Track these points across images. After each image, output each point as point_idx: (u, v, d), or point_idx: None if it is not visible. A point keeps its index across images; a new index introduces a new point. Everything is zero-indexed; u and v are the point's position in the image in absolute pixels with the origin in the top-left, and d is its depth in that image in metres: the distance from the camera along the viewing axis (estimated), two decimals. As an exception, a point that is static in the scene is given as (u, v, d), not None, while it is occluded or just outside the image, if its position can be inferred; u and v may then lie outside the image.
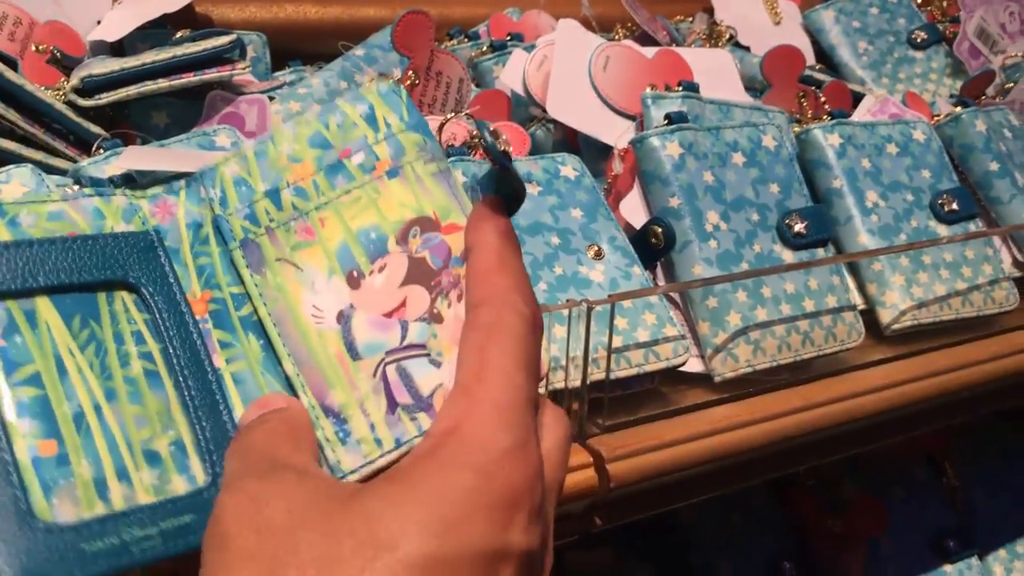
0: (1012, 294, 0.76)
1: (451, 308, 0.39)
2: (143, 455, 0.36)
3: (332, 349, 0.39)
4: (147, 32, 0.77)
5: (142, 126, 0.67)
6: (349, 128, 0.41)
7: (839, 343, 0.66)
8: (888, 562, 0.96)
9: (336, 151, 0.41)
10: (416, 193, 0.41)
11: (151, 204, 0.42)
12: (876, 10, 1.11)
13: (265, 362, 0.40)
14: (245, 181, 0.41)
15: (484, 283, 0.37)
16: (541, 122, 0.77)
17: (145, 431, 0.37)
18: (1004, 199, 0.80)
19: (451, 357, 0.39)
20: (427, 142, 0.42)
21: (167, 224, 0.41)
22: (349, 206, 0.40)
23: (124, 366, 0.38)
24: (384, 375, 0.39)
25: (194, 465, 0.37)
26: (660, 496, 0.59)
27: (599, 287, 0.58)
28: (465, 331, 0.37)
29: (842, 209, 0.73)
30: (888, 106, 0.87)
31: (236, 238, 0.40)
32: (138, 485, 0.36)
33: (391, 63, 0.78)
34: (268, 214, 0.40)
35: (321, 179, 0.41)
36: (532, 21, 0.99)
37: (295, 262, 0.40)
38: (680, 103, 0.69)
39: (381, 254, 0.40)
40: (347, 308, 0.39)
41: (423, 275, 0.40)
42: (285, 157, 0.41)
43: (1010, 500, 1.05)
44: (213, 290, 0.40)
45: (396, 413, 0.38)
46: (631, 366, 0.57)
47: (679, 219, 0.63)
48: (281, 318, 0.39)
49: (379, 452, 0.38)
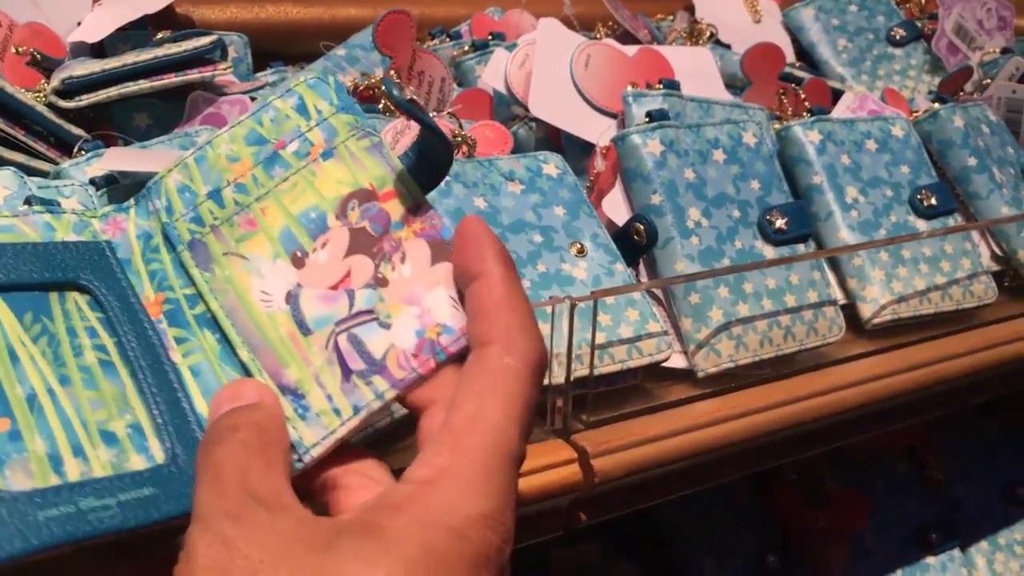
0: (990, 288, 0.77)
1: (395, 271, 0.40)
2: (99, 434, 0.36)
3: (283, 329, 0.39)
4: (128, 33, 0.77)
5: (123, 127, 0.67)
6: (282, 121, 0.42)
7: (820, 338, 0.67)
8: (871, 555, 0.97)
9: (271, 144, 0.42)
10: (352, 169, 0.41)
11: (102, 223, 0.42)
12: (855, 8, 1.12)
13: (222, 354, 0.40)
14: (188, 187, 0.42)
15: (493, 321, 0.36)
16: (523, 121, 0.78)
17: (101, 413, 0.37)
18: (982, 194, 0.81)
19: (399, 316, 0.39)
20: (358, 120, 0.43)
21: (118, 238, 0.42)
22: (288, 192, 0.41)
23: (77, 356, 0.38)
24: (336, 345, 0.39)
25: (153, 446, 0.37)
26: (644, 491, 0.60)
27: (582, 284, 0.59)
28: (469, 370, 0.36)
29: (822, 205, 0.73)
30: (867, 103, 0.87)
31: (183, 240, 0.41)
32: (94, 461, 0.36)
33: (373, 63, 0.78)
34: (212, 213, 0.41)
35: (259, 172, 0.41)
36: (514, 20, 0.99)
37: (241, 253, 0.40)
38: (661, 101, 0.70)
39: (322, 231, 0.41)
40: (294, 287, 0.40)
41: (365, 244, 0.40)
42: (224, 158, 0.42)
43: (991, 492, 1.06)
44: (166, 292, 0.41)
45: (351, 380, 0.38)
46: (614, 362, 0.57)
47: (661, 216, 0.64)
48: (232, 309, 0.40)
49: (339, 421, 0.38)
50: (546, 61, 0.74)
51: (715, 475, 0.63)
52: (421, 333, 0.39)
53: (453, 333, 0.39)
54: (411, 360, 0.39)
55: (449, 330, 0.39)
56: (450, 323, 0.39)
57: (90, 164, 0.59)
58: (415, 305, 0.39)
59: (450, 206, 0.58)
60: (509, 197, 0.61)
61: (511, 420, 0.34)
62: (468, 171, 0.61)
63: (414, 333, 0.39)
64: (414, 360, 0.38)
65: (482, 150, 0.65)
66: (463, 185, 0.59)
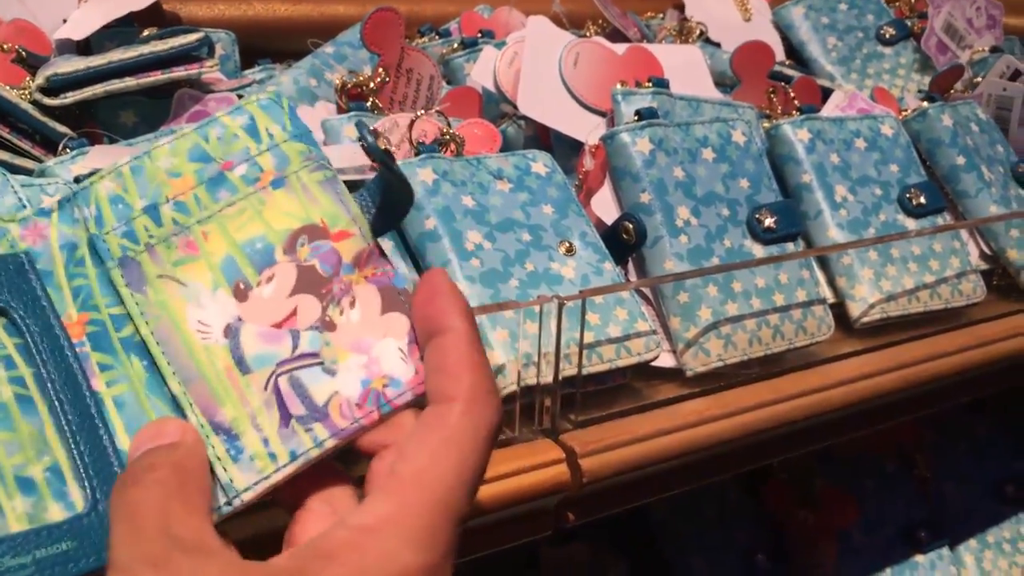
0: (979, 286, 0.77)
1: (343, 315, 0.38)
2: (15, 482, 0.34)
3: (220, 364, 0.37)
4: (114, 31, 0.76)
5: (109, 125, 0.67)
6: (230, 140, 0.40)
7: (809, 336, 0.67)
8: (861, 553, 0.97)
9: (217, 164, 0.39)
10: (303, 202, 0.39)
11: (21, 227, 0.39)
12: (845, 6, 1.12)
13: (149, 383, 0.37)
14: (122, 198, 0.39)
15: (459, 378, 0.36)
16: (512, 119, 0.77)
17: (17, 457, 0.35)
18: (971, 193, 0.81)
19: (345, 364, 0.38)
20: (311, 151, 0.40)
21: (39, 247, 0.39)
22: (233, 218, 0.39)
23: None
24: (276, 387, 0.37)
25: (72, 491, 0.35)
26: (633, 491, 0.60)
27: (570, 283, 0.59)
28: (426, 423, 0.36)
29: (811, 203, 0.73)
30: (856, 101, 0.87)
31: (114, 257, 0.38)
32: (10, 514, 0.34)
33: (361, 60, 0.78)
34: (147, 231, 0.38)
35: (202, 192, 0.39)
36: (503, 18, 0.99)
37: (178, 278, 0.38)
38: (650, 99, 0.70)
39: (268, 264, 0.38)
40: (235, 321, 0.38)
41: (313, 283, 0.38)
42: (164, 172, 0.39)
43: (979, 491, 1.06)
44: (90, 312, 0.38)
45: (290, 426, 0.37)
46: (603, 361, 0.57)
47: (650, 215, 0.63)
48: (165, 336, 0.37)
49: (274, 467, 0.36)
50: (535, 59, 0.74)
51: (704, 474, 0.63)
52: (367, 383, 0.37)
53: (400, 386, 0.37)
54: (354, 410, 0.37)
55: (396, 383, 0.37)
56: (398, 375, 0.38)
57: (75, 162, 0.58)
58: (363, 353, 0.38)
59: (438, 204, 0.58)
60: (497, 195, 0.60)
61: (461, 480, 0.34)
62: (456, 169, 0.60)
63: (359, 382, 0.37)
64: (358, 410, 0.37)
65: (470, 148, 0.65)
66: (451, 184, 0.59)
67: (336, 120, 0.67)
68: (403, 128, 0.65)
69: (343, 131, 0.67)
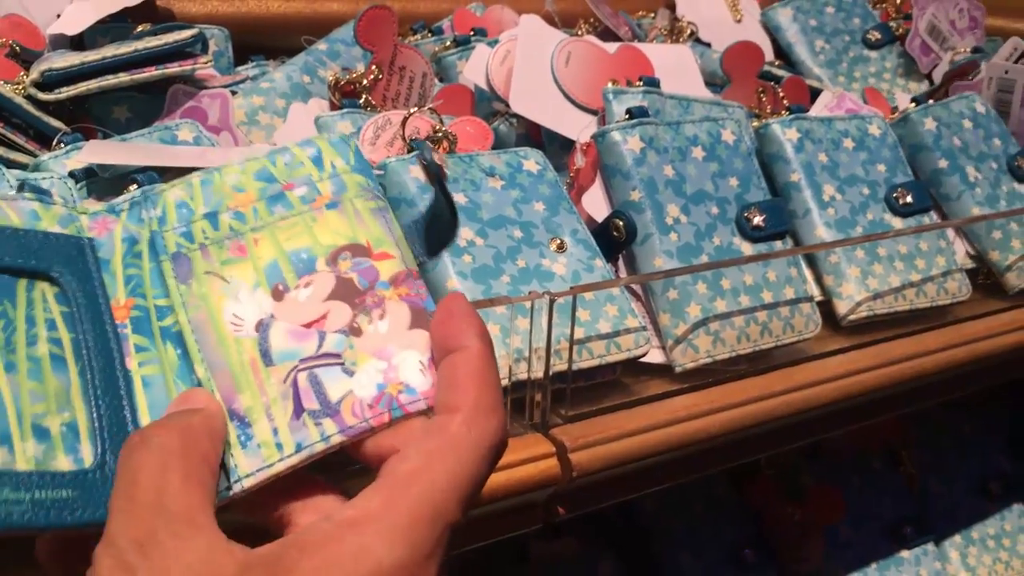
0: (964, 285, 0.78)
1: (372, 324, 0.39)
2: (31, 428, 0.35)
3: (247, 356, 0.39)
4: (108, 26, 0.76)
5: (103, 120, 0.67)
6: (295, 167, 0.42)
7: (797, 334, 0.67)
8: (847, 549, 0.98)
9: (280, 184, 0.42)
10: (352, 224, 0.41)
11: (91, 220, 0.42)
12: (832, 9, 1.13)
13: (180, 369, 0.39)
14: (187, 204, 0.42)
15: (465, 391, 0.36)
16: (504, 117, 0.78)
17: (39, 406, 0.36)
18: (953, 196, 0.82)
19: (365, 367, 0.38)
20: (370, 184, 0.43)
21: (103, 238, 0.41)
22: (285, 229, 0.41)
23: (30, 345, 0.37)
24: (295, 381, 0.38)
25: (84, 448, 0.36)
26: (622, 485, 0.60)
27: (561, 280, 0.59)
28: (427, 429, 0.36)
29: (800, 202, 0.74)
30: (845, 101, 0.88)
31: (168, 251, 0.41)
32: (19, 454, 0.35)
33: (354, 58, 0.78)
34: (204, 232, 0.41)
35: (261, 206, 0.41)
36: (496, 16, 1.00)
37: (222, 275, 0.40)
38: (641, 98, 0.70)
39: (309, 272, 0.40)
40: (267, 318, 0.39)
41: (348, 293, 0.40)
42: (229, 186, 0.42)
43: (964, 487, 1.07)
44: (137, 298, 0.40)
45: (301, 418, 0.38)
46: (593, 357, 0.58)
47: (640, 212, 0.64)
48: (200, 324, 0.39)
49: (278, 456, 0.37)
50: (527, 57, 0.74)
51: (692, 469, 0.64)
52: (382, 387, 0.38)
53: (415, 394, 0.38)
54: (366, 410, 0.38)
55: (411, 390, 0.38)
56: (414, 384, 0.38)
57: (69, 157, 0.59)
58: (383, 360, 0.39)
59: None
60: (489, 193, 0.61)
61: (454, 486, 0.34)
62: (448, 167, 0.61)
63: (375, 385, 0.38)
64: (369, 411, 0.38)
65: (462, 146, 0.65)
66: (444, 180, 0.60)
67: (330, 117, 0.68)
68: (396, 125, 0.66)
69: (336, 127, 0.67)
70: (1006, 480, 1.08)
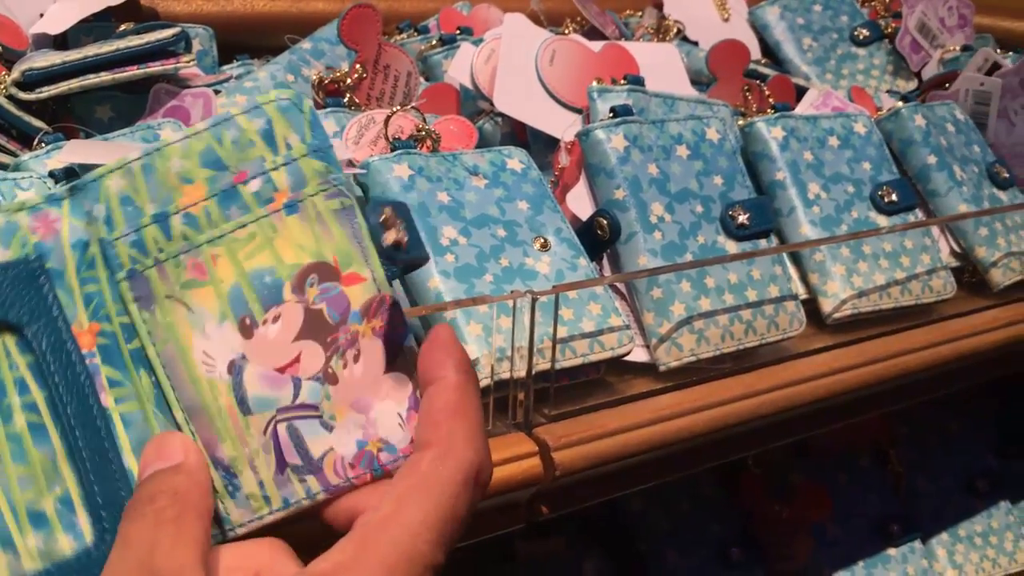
0: (949, 283, 0.78)
1: (347, 368, 0.38)
2: (28, 518, 0.34)
3: (223, 400, 0.37)
4: (91, 25, 0.76)
5: (85, 120, 0.67)
6: (245, 146, 0.38)
7: (781, 332, 0.67)
8: (834, 547, 0.98)
9: (230, 173, 0.38)
10: (316, 234, 0.38)
11: (31, 218, 0.38)
12: (819, 7, 1.13)
13: (158, 400, 0.38)
14: (132, 200, 0.38)
15: (438, 425, 0.36)
16: (489, 116, 0.78)
17: (30, 492, 0.35)
18: (941, 191, 0.82)
19: (343, 421, 0.38)
20: (330, 170, 0.39)
21: (50, 242, 0.38)
22: (244, 244, 0.38)
23: (7, 422, 0.35)
24: (275, 433, 0.37)
25: (81, 521, 0.36)
26: (606, 484, 0.60)
27: (545, 279, 0.59)
28: (400, 472, 0.36)
29: (785, 201, 0.74)
30: (830, 99, 0.88)
31: (123, 267, 0.38)
32: (24, 552, 0.34)
33: (338, 56, 0.78)
34: (157, 243, 0.38)
35: (213, 207, 0.38)
36: (482, 15, 0.99)
37: (186, 302, 0.38)
38: (625, 96, 0.70)
39: (276, 302, 0.38)
40: (238, 358, 0.38)
41: (319, 329, 0.38)
42: (175, 176, 0.38)
43: (951, 485, 1.07)
44: (101, 322, 0.38)
45: (285, 473, 0.37)
46: (576, 356, 0.58)
47: (624, 211, 0.64)
48: (171, 361, 0.38)
49: (268, 510, 0.37)
50: (511, 56, 0.74)
51: (677, 468, 0.64)
52: (363, 444, 0.38)
53: (394, 452, 0.38)
54: (348, 469, 0.38)
55: (391, 448, 0.38)
56: (393, 441, 0.38)
57: (50, 156, 0.59)
58: (361, 413, 0.38)
59: (413, 201, 0.58)
60: (473, 191, 0.61)
61: (428, 526, 0.33)
62: (432, 166, 0.61)
63: (355, 442, 0.38)
64: (351, 470, 0.38)
65: (446, 144, 0.65)
66: (427, 180, 0.60)
67: (313, 116, 0.67)
68: (379, 124, 0.66)
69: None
70: (993, 478, 1.08)
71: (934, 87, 1.00)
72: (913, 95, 1.04)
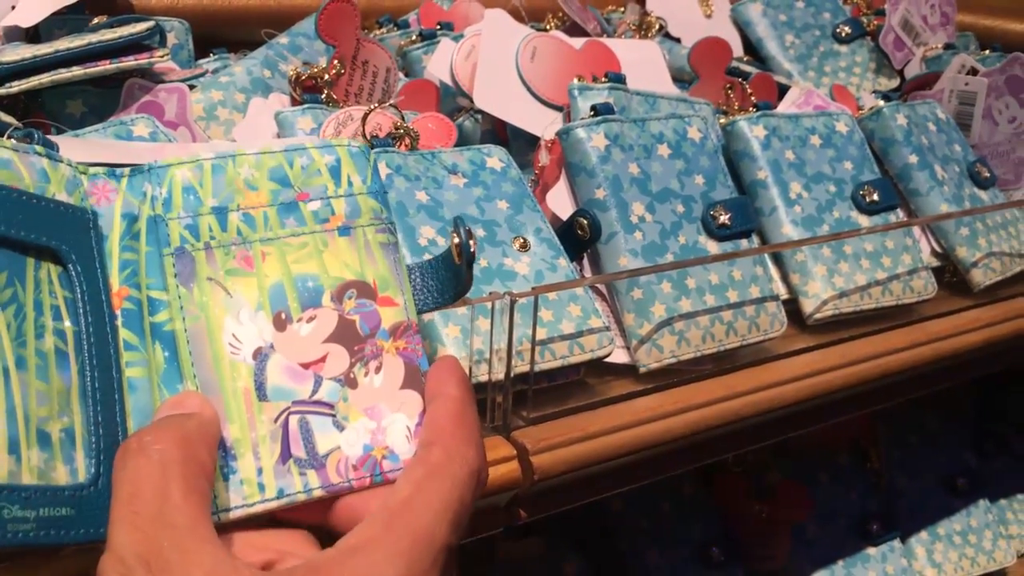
0: (930, 283, 0.78)
1: (367, 377, 0.40)
2: (36, 433, 0.35)
3: (240, 383, 0.38)
4: (64, 18, 0.74)
5: (57, 115, 0.65)
6: (312, 173, 0.42)
7: (762, 333, 0.67)
8: (813, 546, 0.98)
9: (294, 191, 0.41)
10: (361, 258, 0.41)
11: (91, 183, 0.40)
12: (802, 4, 1.13)
13: (166, 374, 0.39)
14: (195, 190, 0.40)
15: (442, 428, 0.39)
16: (469, 113, 0.77)
17: (44, 409, 0.36)
18: (922, 191, 0.82)
19: (355, 424, 0.39)
20: (383, 212, 0.42)
21: (102, 208, 0.40)
22: (295, 249, 0.40)
23: (38, 337, 0.36)
24: (285, 423, 0.39)
25: (79, 458, 0.36)
26: (585, 488, 0.60)
27: (524, 279, 0.58)
28: (411, 463, 0.38)
29: (766, 200, 0.74)
30: (813, 98, 0.88)
31: (172, 244, 0.39)
32: (25, 463, 0.34)
33: (316, 52, 0.77)
34: (211, 231, 0.40)
35: (272, 214, 0.41)
36: (462, 10, 0.99)
37: (226, 286, 0.39)
38: (606, 95, 0.70)
39: (313, 305, 0.40)
40: (267, 347, 0.39)
41: (348, 337, 0.40)
42: (242, 181, 0.41)
43: (931, 484, 1.07)
44: (131, 288, 0.39)
45: (287, 464, 0.38)
46: (555, 358, 0.57)
47: (605, 211, 0.63)
48: (197, 337, 0.39)
49: (259, 497, 0.38)
50: (492, 53, 0.73)
51: (656, 471, 0.64)
52: (369, 448, 0.39)
53: (397, 461, 0.39)
54: (350, 470, 0.39)
55: (394, 457, 0.39)
56: (398, 451, 0.40)
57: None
58: (373, 419, 0.40)
59: (392, 199, 0.57)
60: (452, 191, 0.60)
61: (446, 508, 0.36)
62: (410, 164, 0.60)
63: (362, 446, 0.39)
64: (353, 471, 0.39)
65: (425, 142, 0.64)
66: (405, 178, 0.59)
67: (290, 112, 0.66)
68: (357, 121, 0.65)
69: (297, 123, 0.66)
70: (972, 476, 1.09)
71: (916, 87, 1.00)
72: (895, 94, 1.04)
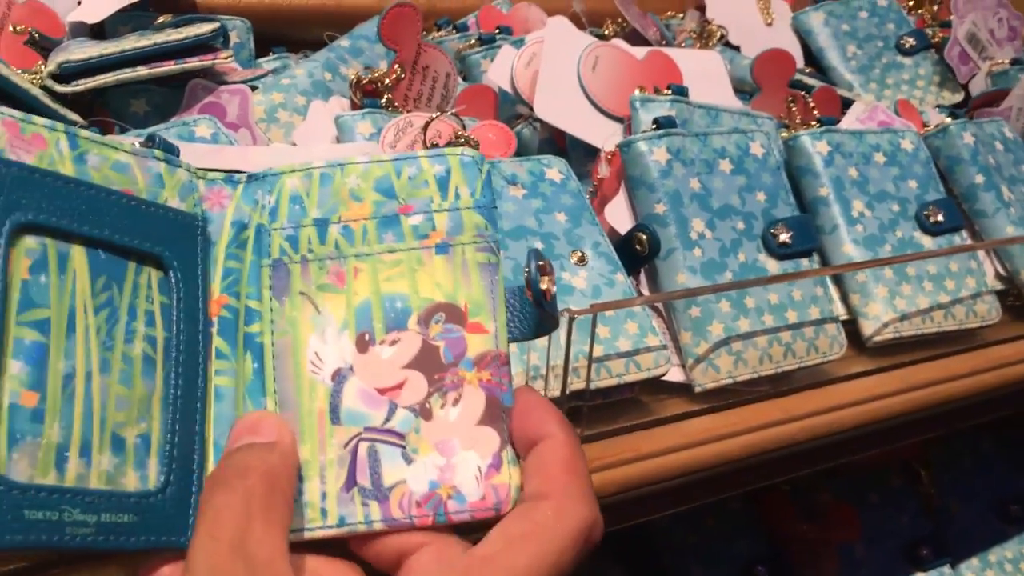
0: (994, 308, 0.76)
1: (443, 409, 0.39)
2: (111, 438, 0.35)
3: (317, 404, 0.38)
4: (129, 14, 0.75)
5: (121, 113, 0.66)
6: (419, 184, 0.41)
7: (821, 355, 0.66)
8: (861, 568, 0.96)
9: (398, 203, 0.41)
10: (456, 279, 0.40)
11: (207, 188, 0.41)
12: (865, 14, 1.10)
13: (252, 385, 0.39)
14: (300, 200, 0.40)
15: (554, 479, 0.36)
16: (528, 121, 0.76)
17: (121, 415, 0.36)
18: (988, 212, 0.80)
19: (424, 458, 0.38)
20: (488, 227, 0.41)
21: (215, 214, 0.41)
22: (388, 267, 0.40)
23: (128, 343, 0.37)
24: (355, 449, 0.38)
25: (151, 465, 0.36)
26: (636, 508, 0.59)
27: (581, 294, 0.58)
28: (512, 515, 0.36)
29: (828, 218, 0.72)
30: (877, 113, 0.86)
31: (271, 255, 0.40)
32: (95, 467, 0.34)
33: (377, 55, 0.77)
34: (309, 243, 0.40)
35: (372, 227, 0.40)
36: (522, 14, 0.98)
37: (316, 303, 0.39)
38: (669, 107, 0.69)
39: (398, 327, 0.39)
40: (346, 369, 0.39)
41: (430, 365, 0.39)
42: (347, 191, 0.41)
43: (983, 508, 1.05)
44: (231, 297, 0.40)
45: (351, 492, 0.38)
46: (612, 376, 0.56)
47: (664, 226, 0.62)
48: (283, 352, 0.39)
49: (320, 523, 0.37)
50: (553, 61, 0.72)
51: (708, 492, 0.63)
52: (435, 486, 0.38)
53: (463, 503, 0.38)
54: (413, 506, 0.38)
55: (461, 498, 0.38)
56: (464, 492, 0.38)
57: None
58: (444, 455, 0.38)
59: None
60: (510, 201, 0.59)
61: (534, 572, 0.33)
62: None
63: (428, 482, 0.38)
64: (416, 508, 0.38)
65: (484, 151, 0.64)
66: (464, 188, 0.58)
67: (350, 116, 0.66)
68: (417, 128, 0.64)
69: (357, 128, 0.66)
70: (1026, 503, 1.06)
71: (983, 104, 0.97)
72: (960, 110, 1.02)
